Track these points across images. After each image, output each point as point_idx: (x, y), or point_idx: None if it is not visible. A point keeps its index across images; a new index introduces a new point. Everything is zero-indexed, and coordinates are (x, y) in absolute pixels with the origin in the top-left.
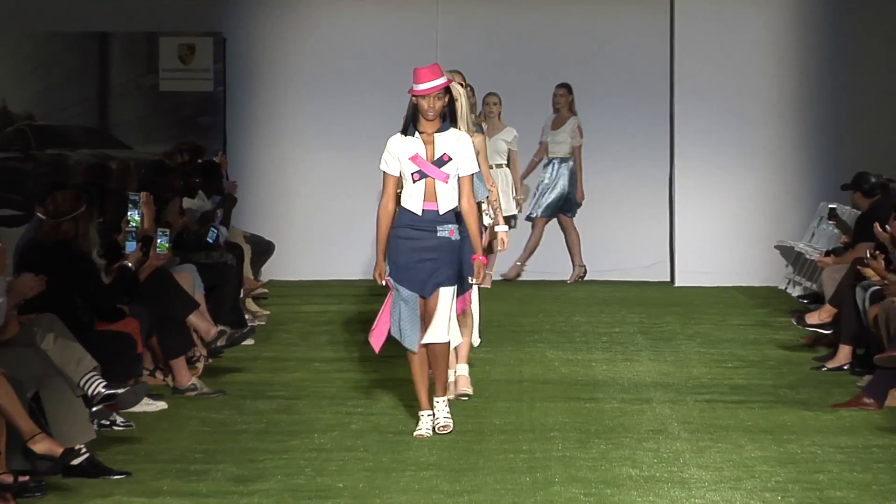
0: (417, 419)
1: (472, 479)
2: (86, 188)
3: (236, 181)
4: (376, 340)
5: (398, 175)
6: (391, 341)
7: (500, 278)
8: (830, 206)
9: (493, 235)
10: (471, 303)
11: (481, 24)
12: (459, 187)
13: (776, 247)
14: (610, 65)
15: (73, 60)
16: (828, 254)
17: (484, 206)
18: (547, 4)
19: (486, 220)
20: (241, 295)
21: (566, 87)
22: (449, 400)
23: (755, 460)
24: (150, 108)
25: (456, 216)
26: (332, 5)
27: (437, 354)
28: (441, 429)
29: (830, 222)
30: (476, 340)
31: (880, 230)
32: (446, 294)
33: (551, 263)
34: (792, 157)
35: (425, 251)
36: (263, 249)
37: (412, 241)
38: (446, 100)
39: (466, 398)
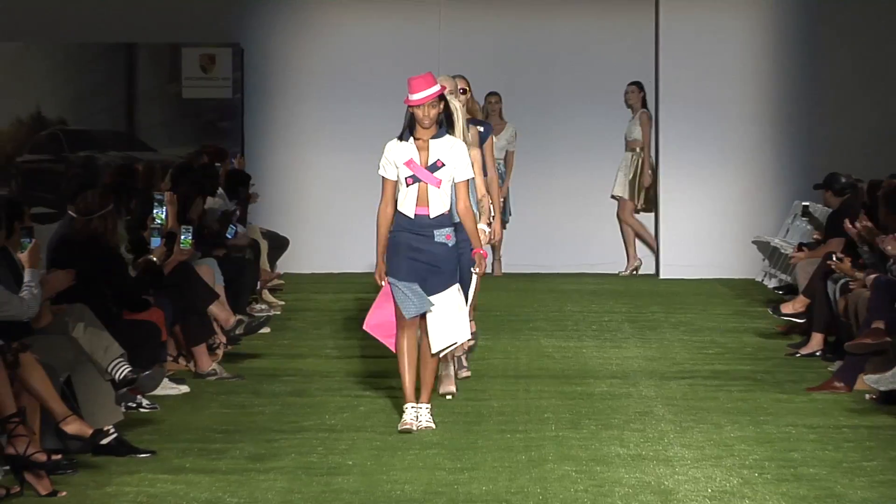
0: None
1: (471, 457)
2: (114, 188)
3: (258, 193)
4: (384, 332)
5: (395, 179)
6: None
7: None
8: (804, 203)
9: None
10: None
11: (479, 33)
12: (456, 192)
13: (753, 242)
14: (600, 72)
15: (102, 70)
16: (801, 248)
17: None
18: (541, 15)
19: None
20: (259, 287)
21: (497, 95)
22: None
23: (734, 440)
24: (174, 114)
25: (450, 219)
26: (341, 18)
27: (428, 358)
28: (423, 427)
29: (804, 219)
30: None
31: (850, 227)
32: (448, 297)
33: (544, 257)
34: (768, 158)
35: (422, 254)
36: (279, 244)
37: (409, 243)
38: (441, 107)
39: (451, 397)
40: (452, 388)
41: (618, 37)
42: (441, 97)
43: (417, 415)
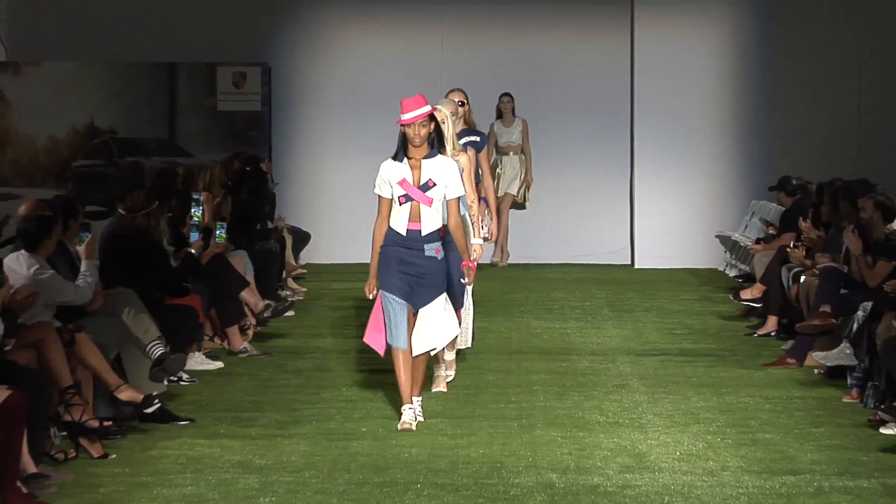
0: (401, 414)
1: (470, 425)
2: (157, 189)
3: (285, 217)
4: (376, 343)
5: (390, 197)
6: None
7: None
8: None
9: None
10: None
11: (476, 52)
12: (448, 209)
13: (716, 236)
14: (581, 85)
15: (147, 85)
16: (758, 242)
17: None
18: (530, 36)
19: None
20: (284, 275)
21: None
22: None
23: (700, 409)
24: (210, 124)
25: (440, 234)
26: (356, 39)
27: (419, 359)
28: (405, 426)
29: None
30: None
31: (803, 224)
32: (436, 306)
33: (534, 250)
34: (730, 163)
35: (413, 267)
36: (302, 238)
37: (401, 257)
38: (431, 126)
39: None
40: (443, 388)
41: (597, 55)
42: (431, 117)
43: (415, 414)
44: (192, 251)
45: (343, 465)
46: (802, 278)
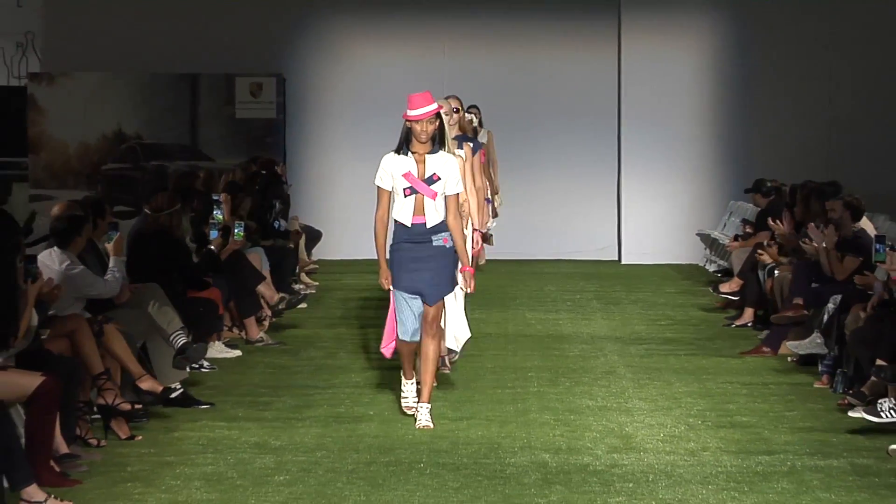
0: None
1: (469, 408)
2: (180, 191)
3: (299, 216)
4: (387, 348)
5: (391, 189)
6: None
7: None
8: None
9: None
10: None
11: (475, 65)
12: (447, 205)
13: (697, 234)
14: (572, 95)
15: (171, 95)
16: (735, 239)
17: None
18: (525, 49)
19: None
20: (297, 270)
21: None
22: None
23: (681, 394)
24: (229, 131)
25: (445, 226)
26: (364, 52)
27: (429, 356)
28: (423, 427)
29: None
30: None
31: (773, 223)
32: (453, 305)
33: (528, 247)
34: (709, 166)
35: (423, 260)
36: (314, 235)
37: (411, 252)
38: (437, 124)
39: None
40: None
41: (587, 66)
42: (437, 115)
43: (415, 391)
44: (212, 248)
45: (352, 446)
46: (776, 273)
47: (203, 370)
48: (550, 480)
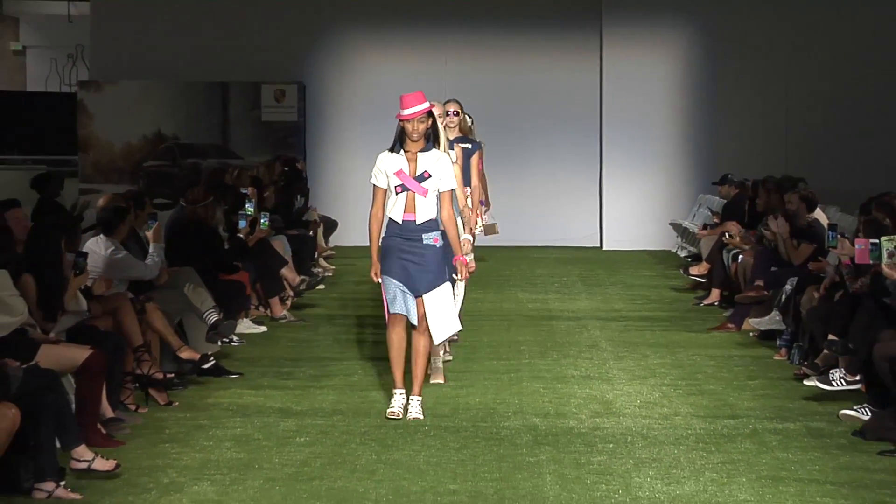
0: (391, 396)
1: (468, 378)
2: (212, 185)
3: (317, 207)
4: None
5: (385, 187)
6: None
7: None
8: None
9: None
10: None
11: (472, 72)
12: (440, 201)
13: (670, 223)
14: (559, 97)
15: (204, 100)
16: (704, 228)
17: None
18: (516, 58)
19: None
20: (316, 255)
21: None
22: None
23: (656, 365)
24: (255, 132)
25: (436, 224)
26: (374, 62)
27: (420, 350)
28: (413, 419)
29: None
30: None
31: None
32: (441, 293)
33: (521, 235)
34: (681, 163)
35: (413, 255)
36: (331, 225)
37: (400, 246)
38: (429, 123)
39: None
40: (441, 380)
41: (572, 74)
42: (429, 114)
43: (405, 403)
44: (241, 236)
45: (364, 411)
46: (740, 258)
47: (233, 344)
48: (540, 441)
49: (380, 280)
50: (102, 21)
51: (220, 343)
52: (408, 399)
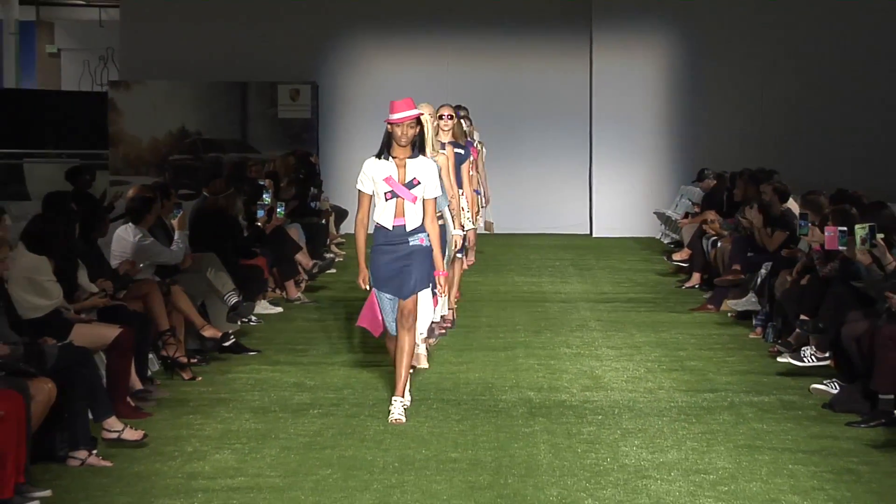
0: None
1: (468, 355)
2: (233, 177)
3: (328, 197)
4: (373, 326)
5: (371, 193)
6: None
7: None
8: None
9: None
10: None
11: (472, 73)
12: (424, 208)
13: (654, 213)
14: (553, 96)
15: (225, 99)
16: (685, 217)
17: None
18: (512, 60)
19: (468, 225)
20: (328, 242)
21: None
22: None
23: (641, 343)
24: (272, 128)
25: (424, 228)
26: (380, 64)
27: (404, 349)
28: (395, 421)
29: (696, 187)
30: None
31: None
32: (421, 297)
33: (517, 222)
34: (664, 157)
35: (400, 259)
36: (341, 213)
37: (389, 255)
38: (418, 129)
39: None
40: (425, 365)
41: (564, 75)
42: (418, 121)
43: (401, 408)
44: (259, 224)
45: (373, 386)
46: (719, 244)
47: (251, 323)
48: (534, 413)
49: (367, 287)
50: (131, 26)
51: (239, 322)
52: (390, 400)
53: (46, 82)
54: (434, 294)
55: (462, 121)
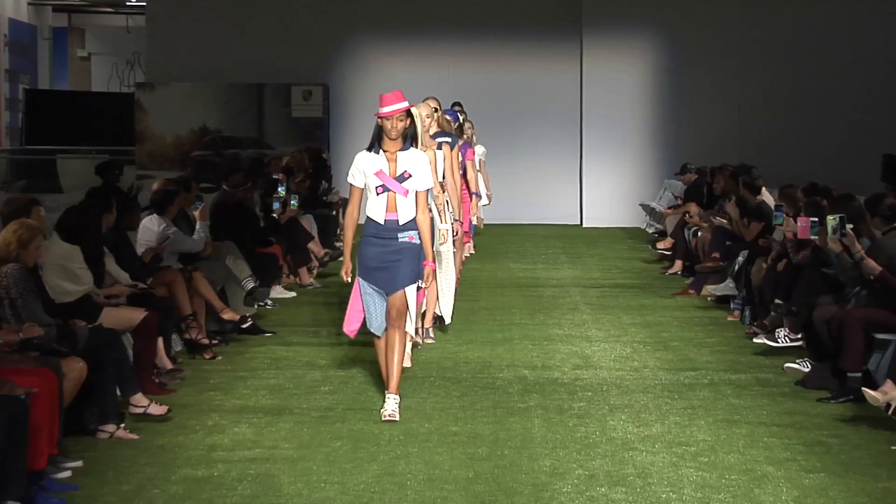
0: (384, 400)
1: (468, 336)
2: (250, 172)
3: (339, 190)
4: (350, 329)
5: (363, 187)
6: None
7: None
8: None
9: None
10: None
11: (473, 76)
12: (416, 200)
13: (640, 204)
14: (546, 96)
15: (243, 99)
16: (669, 208)
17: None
18: (509, 62)
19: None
20: (338, 232)
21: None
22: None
23: (628, 325)
24: (287, 127)
25: (415, 223)
26: (387, 66)
27: (395, 347)
28: (389, 416)
29: (678, 182)
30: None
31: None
32: (408, 293)
33: (512, 213)
34: (649, 153)
35: (389, 254)
36: None
37: (378, 248)
38: (408, 122)
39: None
40: (408, 363)
41: (557, 76)
42: (408, 113)
43: (395, 405)
44: (275, 215)
45: (380, 365)
46: (700, 234)
47: (267, 307)
48: (529, 390)
49: (349, 280)
50: (156, 31)
51: (256, 306)
52: (384, 397)
53: (78, 84)
54: (419, 288)
55: (463, 125)
